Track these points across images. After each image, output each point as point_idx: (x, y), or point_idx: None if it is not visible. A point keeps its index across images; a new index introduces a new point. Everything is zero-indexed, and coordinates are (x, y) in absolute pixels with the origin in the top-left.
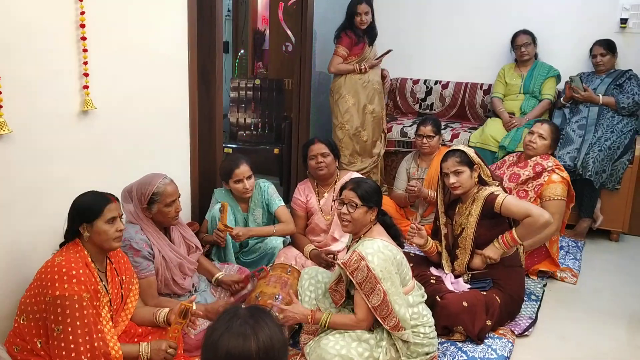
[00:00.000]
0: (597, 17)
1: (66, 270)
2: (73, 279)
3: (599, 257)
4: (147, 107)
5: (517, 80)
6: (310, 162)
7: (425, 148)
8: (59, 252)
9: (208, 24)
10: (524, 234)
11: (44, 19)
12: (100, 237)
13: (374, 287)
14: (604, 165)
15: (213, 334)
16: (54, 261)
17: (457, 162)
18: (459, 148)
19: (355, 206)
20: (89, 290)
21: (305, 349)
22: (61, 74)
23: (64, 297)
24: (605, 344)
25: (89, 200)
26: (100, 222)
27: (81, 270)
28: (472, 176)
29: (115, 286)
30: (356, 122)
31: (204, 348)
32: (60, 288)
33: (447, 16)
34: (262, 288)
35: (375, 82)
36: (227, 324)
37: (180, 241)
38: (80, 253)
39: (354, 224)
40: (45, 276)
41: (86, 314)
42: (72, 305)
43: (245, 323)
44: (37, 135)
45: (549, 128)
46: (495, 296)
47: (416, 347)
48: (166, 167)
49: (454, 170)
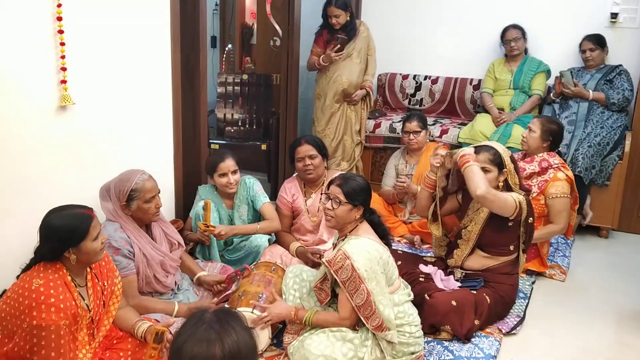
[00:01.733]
0: (587, 11)
1: (44, 297)
2: (52, 307)
3: (588, 254)
4: (128, 103)
5: (506, 75)
6: (297, 164)
7: (413, 144)
8: (37, 271)
9: (192, 17)
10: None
11: (19, 11)
12: (88, 256)
13: (357, 287)
14: (594, 161)
15: (178, 339)
16: (31, 284)
17: (489, 160)
18: (495, 147)
19: (340, 202)
20: (67, 317)
21: (288, 349)
22: (38, 68)
23: (40, 327)
24: (593, 341)
25: (72, 222)
26: (88, 242)
27: (61, 295)
28: (498, 179)
29: (97, 297)
30: (322, 121)
31: (170, 352)
32: (37, 317)
33: (437, 11)
34: (246, 287)
35: (344, 82)
36: (191, 329)
37: (161, 238)
38: (59, 272)
39: (337, 220)
40: (23, 300)
41: (63, 343)
42: (49, 336)
43: (210, 328)
44: (13, 131)
45: (538, 121)
46: (485, 296)
47: (402, 347)
48: (149, 164)
49: (482, 166)
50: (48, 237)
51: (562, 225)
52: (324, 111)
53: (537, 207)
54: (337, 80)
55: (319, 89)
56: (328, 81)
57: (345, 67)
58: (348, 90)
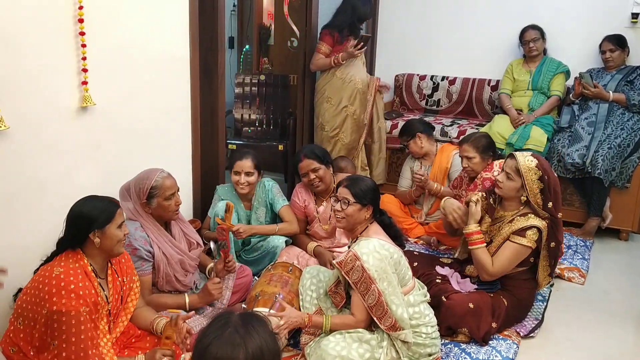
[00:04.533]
0: (607, 11)
1: (65, 284)
2: (72, 293)
3: (608, 257)
4: (147, 103)
5: (525, 76)
6: (303, 179)
7: (417, 154)
8: (57, 261)
9: (210, 18)
10: (481, 257)
11: (42, 14)
12: (111, 242)
13: (369, 287)
14: (614, 163)
15: (203, 339)
16: (52, 272)
17: (515, 169)
18: (529, 156)
19: (348, 203)
20: (87, 304)
21: (305, 350)
22: (59, 69)
23: (61, 312)
24: (613, 346)
25: (100, 205)
26: (112, 227)
27: (80, 283)
28: (520, 192)
29: (116, 290)
30: (335, 124)
31: (194, 352)
32: (58, 303)
33: (454, 11)
34: (263, 287)
35: (358, 82)
36: (218, 331)
37: (180, 237)
38: (80, 262)
39: (347, 220)
40: (43, 287)
41: (83, 329)
42: (69, 322)
43: (236, 332)
44: (35, 131)
45: (468, 146)
46: (502, 298)
47: (418, 348)
48: (167, 163)
49: (507, 172)
50: (75, 221)
51: None
52: (337, 114)
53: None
54: (351, 80)
55: (330, 92)
56: (342, 83)
57: (355, 67)
58: (363, 89)
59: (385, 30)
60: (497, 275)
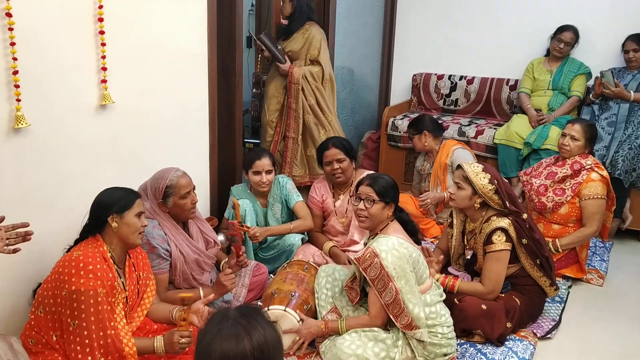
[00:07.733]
0: (630, 10)
1: (83, 264)
2: (89, 273)
3: (627, 259)
4: (165, 102)
5: (546, 75)
6: (325, 167)
7: (419, 149)
8: (77, 246)
9: (228, 17)
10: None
11: (62, 12)
12: (128, 229)
13: (386, 285)
14: (634, 163)
15: (204, 338)
16: (71, 255)
17: (463, 177)
18: (474, 163)
19: (373, 202)
20: (104, 286)
21: (320, 348)
22: (79, 67)
23: (79, 291)
24: (631, 348)
25: (121, 192)
26: (130, 214)
27: (98, 265)
28: (472, 200)
29: (132, 282)
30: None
31: (196, 354)
32: (76, 282)
33: (472, 10)
34: (279, 285)
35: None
36: (217, 327)
37: (198, 236)
38: (99, 248)
39: (371, 219)
40: (62, 270)
41: (101, 309)
42: (88, 300)
43: (237, 324)
44: (55, 129)
45: (580, 128)
46: (514, 298)
47: (434, 348)
48: (185, 162)
49: (456, 182)
50: (96, 207)
51: (595, 228)
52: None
53: (573, 210)
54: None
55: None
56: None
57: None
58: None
59: (402, 29)
60: (495, 290)
